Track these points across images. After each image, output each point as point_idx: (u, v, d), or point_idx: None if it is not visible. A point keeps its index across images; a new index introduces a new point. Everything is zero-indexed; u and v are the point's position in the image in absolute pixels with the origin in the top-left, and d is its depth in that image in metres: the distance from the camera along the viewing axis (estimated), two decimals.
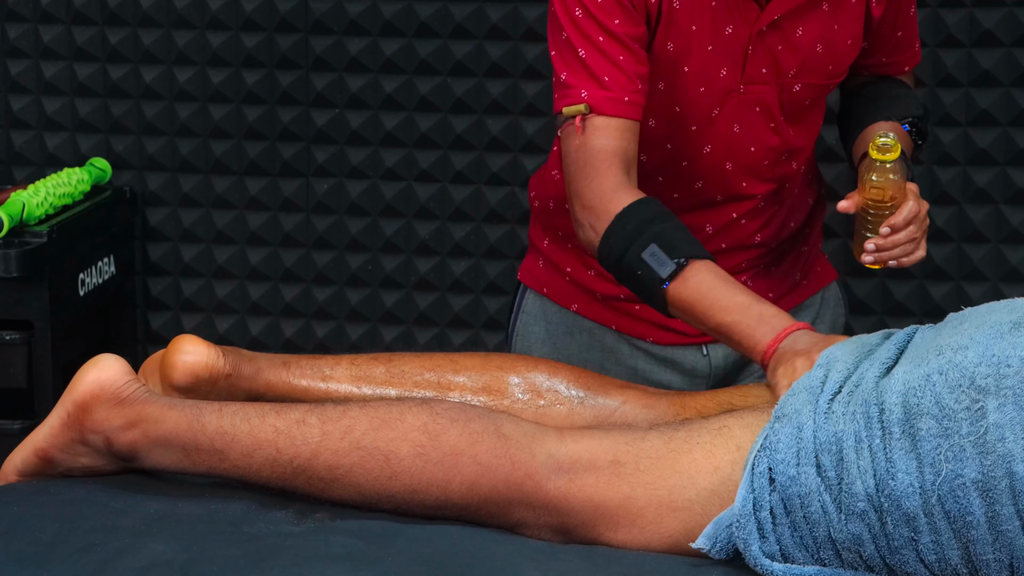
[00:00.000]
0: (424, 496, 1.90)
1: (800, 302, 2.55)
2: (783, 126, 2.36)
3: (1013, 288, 3.28)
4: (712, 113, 2.32)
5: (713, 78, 2.30)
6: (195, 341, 2.09)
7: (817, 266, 2.59)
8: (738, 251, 2.46)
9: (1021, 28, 3.23)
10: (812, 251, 2.57)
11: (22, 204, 3.19)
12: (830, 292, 2.60)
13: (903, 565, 1.79)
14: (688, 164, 2.36)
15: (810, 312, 2.55)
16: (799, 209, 2.51)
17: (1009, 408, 1.75)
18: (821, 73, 2.34)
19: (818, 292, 2.57)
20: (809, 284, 2.57)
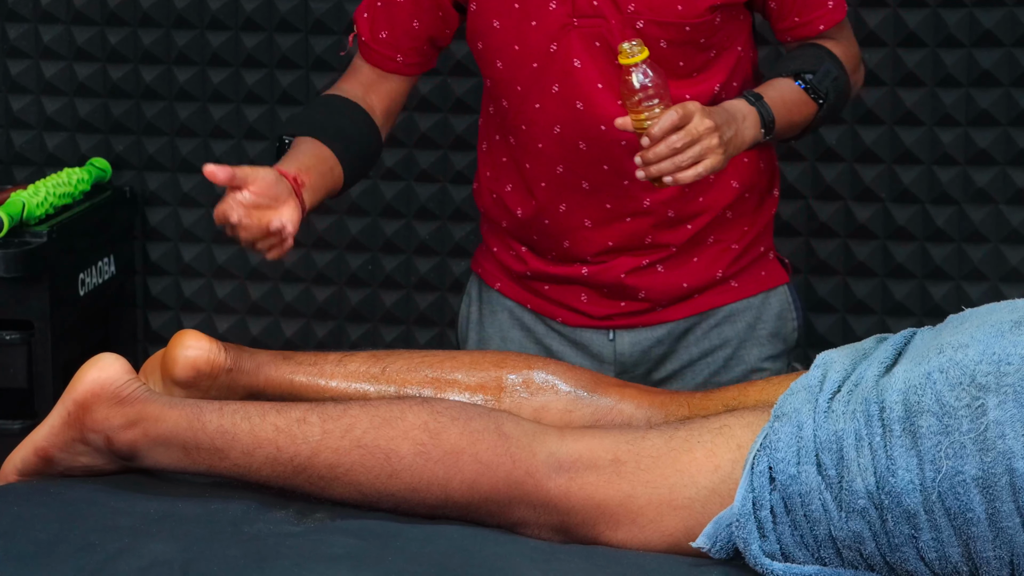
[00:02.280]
0: (424, 495, 1.90)
1: (730, 302, 2.52)
2: None
3: (1013, 288, 3.28)
4: (550, 48, 2.35)
5: (543, 12, 2.33)
6: (197, 336, 2.09)
7: (761, 268, 2.54)
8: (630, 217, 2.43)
9: (1021, 28, 3.23)
10: (748, 248, 2.52)
11: (22, 204, 3.19)
12: (775, 297, 2.55)
13: (903, 563, 1.79)
14: (541, 106, 2.38)
15: (746, 316, 2.52)
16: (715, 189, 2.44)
17: (1009, 405, 1.75)
18: (669, 12, 2.32)
19: (758, 295, 2.53)
20: (745, 285, 2.52)
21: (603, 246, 2.45)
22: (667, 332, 2.50)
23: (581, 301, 2.50)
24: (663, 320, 2.50)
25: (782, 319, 2.55)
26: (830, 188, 3.34)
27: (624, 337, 2.50)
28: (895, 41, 3.27)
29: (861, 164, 3.33)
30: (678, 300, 2.49)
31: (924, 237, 3.32)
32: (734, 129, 2.23)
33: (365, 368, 2.13)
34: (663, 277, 2.47)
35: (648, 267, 2.46)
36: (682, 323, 2.50)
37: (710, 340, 2.51)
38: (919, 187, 3.31)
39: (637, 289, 2.47)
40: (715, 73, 2.41)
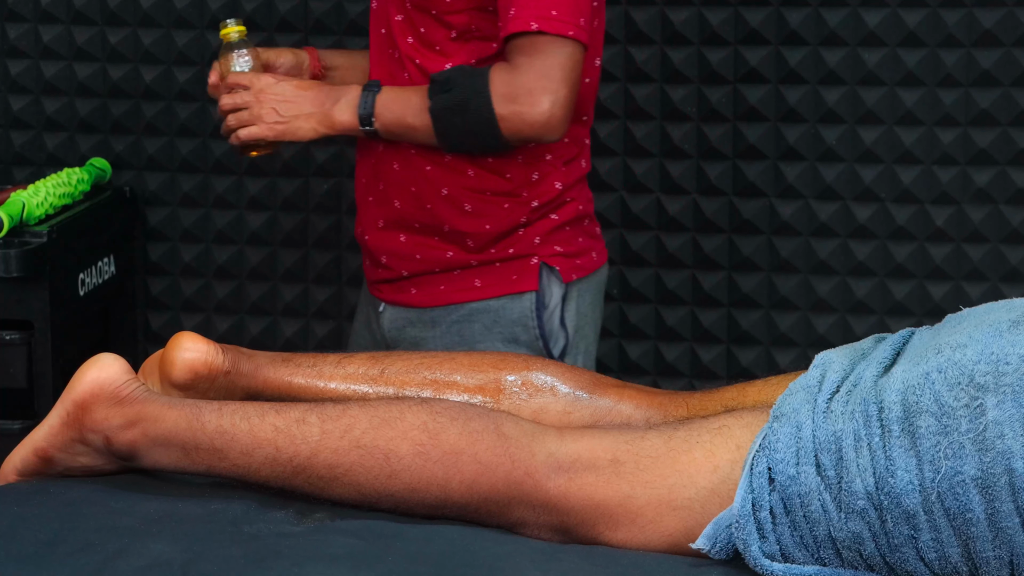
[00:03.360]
0: (424, 495, 1.90)
1: (471, 300, 2.61)
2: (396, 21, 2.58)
3: (1013, 288, 3.28)
4: (373, 4, 2.66)
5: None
6: (195, 338, 2.09)
7: (512, 272, 2.61)
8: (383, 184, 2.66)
9: (1021, 28, 3.23)
10: (490, 246, 2.61)
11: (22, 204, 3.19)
12: (517, 303, 2.60)
13: (903, 563, 1.79)
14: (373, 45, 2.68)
15: (484, 317, 2.60)
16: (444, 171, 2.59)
17: (1008, 405, 1.75)
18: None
19: (500, 298, 2.59)
20: (489, 286, 2.60)
21: (363, 200, 2.69)
22: (417, 316, 2.65)
23: (366, 265, 2.72)
24: (415, 303, 2.64)
25: (522, 326, 2.60)
26: (830, 188, 3.34)
27: (387, 312, 2.69)
28: (895, 41, 3.27)
29: (861, 164, 3.33)
30: (420, 276, 2.63)
31: (924, 237, 3.32)
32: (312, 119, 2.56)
33: (364, 370, 2.13)
34: (403, 246, 2.63)
35: (386, 228, 2.64)
36: (429, 312, 2.64)
37: (451, 335, 2.63)
38: (919, 187, 3.31)
39: (380, 253, 2.66)
40: (451, 53, 2.55)
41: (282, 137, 2.58)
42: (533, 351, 2.61)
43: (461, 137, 2.51)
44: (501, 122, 2.47)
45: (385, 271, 2.67)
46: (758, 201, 3.37)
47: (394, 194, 2.62)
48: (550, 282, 2.62)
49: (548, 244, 2.61)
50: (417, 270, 2.64)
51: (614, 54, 3.35)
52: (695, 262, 3.40)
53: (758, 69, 3.33)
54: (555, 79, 2.45)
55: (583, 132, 2.66)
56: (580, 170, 2.66)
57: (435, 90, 2.50)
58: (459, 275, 2.62)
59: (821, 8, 3.29)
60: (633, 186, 3.40)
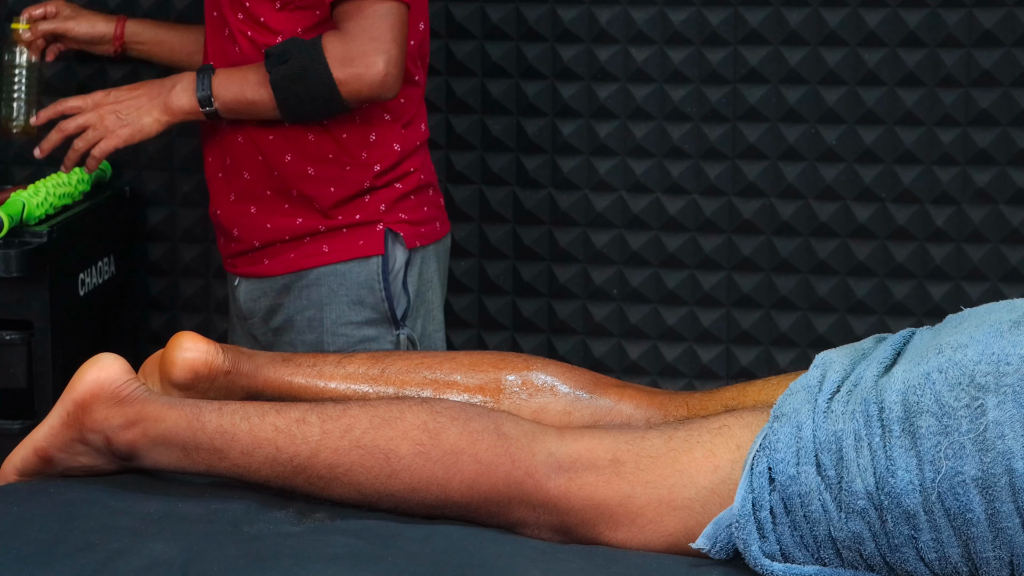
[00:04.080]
0: (424, 495, 1.90)
1: (318, 266, 2.73)
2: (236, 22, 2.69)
3: (1013, 288, 3.28)
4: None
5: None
6: (195, 338, 2.09)
7: (360, 238, 2.73)
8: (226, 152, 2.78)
9: (1021, 28, 3.23)
10: (335, 210, 2.72)
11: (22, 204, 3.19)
12: (364, 267, 2.72)
13: (903, 563, 1.79)
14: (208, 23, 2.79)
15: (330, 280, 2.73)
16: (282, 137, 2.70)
17: (1009, 405, 1.75)
18: None
19: (347, 262, 2.72)
20: (335, 250, 2.73)
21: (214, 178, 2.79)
22: (270, 286, 2.75)
23: (220, 242, 2.82)
24: (267, 273, 2.74)
25: (367, 288, 2.72)
26: (830, 188, 3.34)
27: (243, 285, 2.79)
28: (895, 41, 3.27)
29: (861, 164, 3.33)
30: (271, 246, 2.73)
31: (924, 237, 3.32)
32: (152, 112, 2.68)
33: (364, 369, 2.13)
34: (254, 218, 2.73)
35: (237, 201, 2.73)
36: (281, 279, 2.74)
37: (301, 300, 2.73)
38: (919, 187, 3.31)
39: (232, 226, 2.77)
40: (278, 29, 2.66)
41: (132, 139, 2.73)
42: (378, 313, 2.73)
43: (303, 105, 2.62)
44: (340, 86, 2.60)
45: (237, 244, 2.77)
46: (758, 201, 3.37)
47: (242, 166, 2.72)
48: (395, 248, 2.75)
49: (394, 212, 2.75)
50: (268, 239, 2.74)
51: (614, 54, 3.35)
52: (695, 262, 3.40)
53: (758, 69, 3.33)
54: (385, 40, 2.60)
55: (418, 94, 2.80)
56: (420, 134, 2.82)
57: (272, 63, 2.61)
58: (308, 242, 2.73)
59: (821, 8, 3.29)
60: (633, 186, 3.40)
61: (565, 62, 3.37)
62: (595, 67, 3.36)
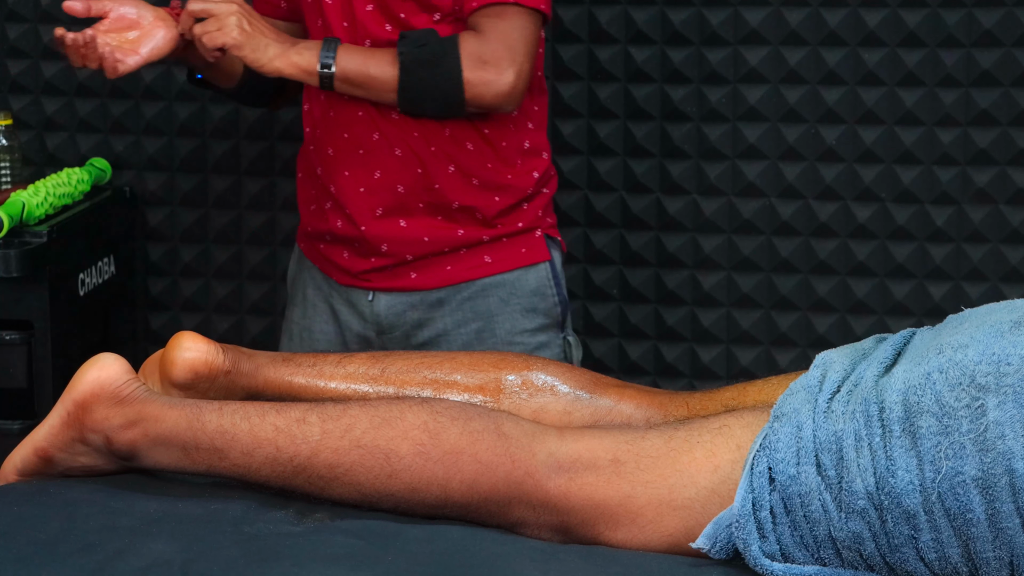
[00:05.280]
0: (424, 495, 1.90)
1: (483, 277, 2.65)
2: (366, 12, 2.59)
3: (1013, 288, 3.28)
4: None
5: None
6: (195, 337, 2.09)
7: (521, 245, 2.66)
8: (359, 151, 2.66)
9: (1021, 28, 3.23)
10: (499, 219, 2.65)
11: (22, 204, 3.19)
12: (533, 274, 2.66)
13: (903, 563, 1.79)
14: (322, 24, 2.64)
15: (500, 291, 2.65)
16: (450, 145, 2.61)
17: (1009, 406, 1.75)
18: None
19: (514, 271, 2.65)
20: (500, 260, 2.65)
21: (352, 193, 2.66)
22: (420, 299, 2.66)
23: (344, 258, 2.69)
24: (416, 287, 2.66)
25: (540, 295, 2.67)
26: (829, 188, 3.34)
27: (381, 299, 2.68)
28: (895, 41, 3.27)
29: (861, 164, 3.33)
30: (424, 259, 2.64)
31: (924, 237, 3.32)
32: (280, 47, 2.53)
33: (364, 369, 2.13)
34: (405, 231, 2.63)
35: (384, 216, 2.63)
36: (435, 293, 2.66)
37: (463, 313, 2.65)
38: (919, 187, 3.31)
39: (380, 241, 2.63)
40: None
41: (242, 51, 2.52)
42: (549, 319, 2.68)
43: (423, 93, 2.56)
44: (467, 86, 2.53)
45: (381, 259, 2.67)
46: (758, 201, 3.37)
47: (397, 180, 2.63)
48: (554, 252, 2.71)
49: (545, 217, 2.71)
50: (423, 252, 2.65)
51: (614, 54, 3.35)
52: (695, 262, 3.40)
53: (758, 69, 3.33)
54: (520, 52, 2.54)
55: (546, 101, 2.76)
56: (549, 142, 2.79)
57: (407, 44, 2.54)
58: (466, 254, 2.65)
59: (821, 8, 3.29)
60: (633, 186, 3.40)
61: (565, 62, 3.37)
62: (595, 67, 3.36)
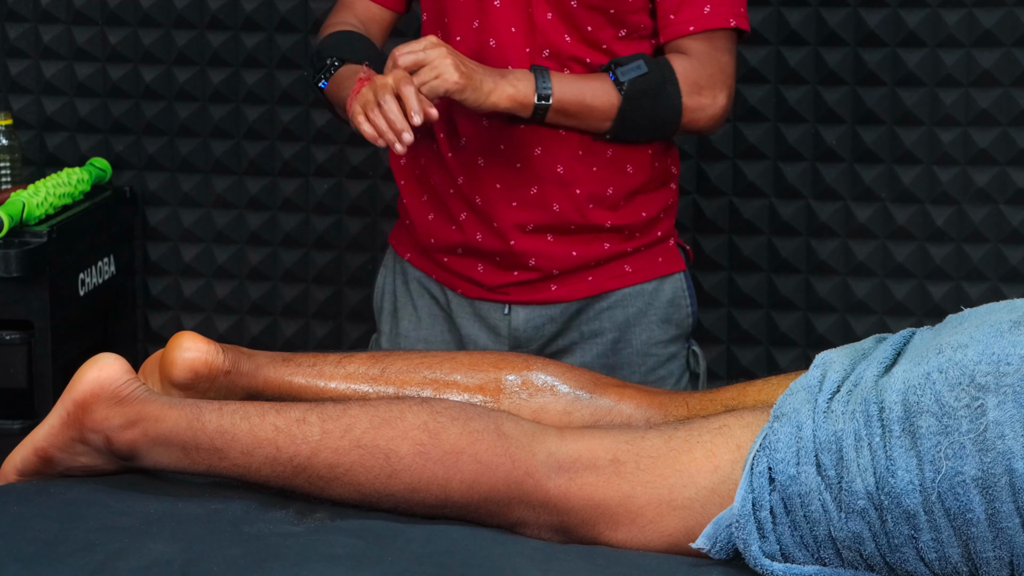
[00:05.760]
0: (424, 495, 1.90)
1: (622, 287, 2.59)
2: (545, 20, 2.48)
3: (1013, 288, 3.28)
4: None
5: None
6: (195, 338, 2.09)
7: (658, 255, 2.62)
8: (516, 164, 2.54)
9: (1021, 28, 3.23)
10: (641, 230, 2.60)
11: (22, 204, 3.19)
12: (669, 284, 2.62)
13: (903, 563, 1.79)
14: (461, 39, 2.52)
15: (637, 301, 2.59)
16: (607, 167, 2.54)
17: (1009, 406, 1.75)
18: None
19: (651, 281, 2.60)
20: (639, 270, 2.60)
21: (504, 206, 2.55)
22: (560, 311, 2.60)
23: (477, 271, 2.60)
24: (556, 299, 2.59)
25: (675, 306, 2.62)
26: (830, 188, 3.34)
27: (519, 313, 2.60)
28: (895, 41, 3.27)
29: (861, 164, 3.33)
30: (569, 272, 2.57)
31: (924, 237, 3.32)
32: (492, 79, 2.38)
33: (364, 369, 2.13)
34: (553, 246, 2.55)
35: (535, 231, 2.55)
36: (574, 304, 2.59)
37: (600, 322, 2.60)
38: (919, 187, 3.31)
39: (527, 256, 2.55)
40: (619, 53, 2.49)
41: (463, 93, 2.36)
42: (680, 329, 2.63)
43: (642, 121, 2.48)
44: (684, 112, 2.48)
45: (527, 273, 2.58)
46: (758, 201, 3.37)
47: (553, 199, 2.55)
48: (687, 262, 2.67)
49: (674, 227, 2.67)
50: (570, 266, 2.58)
51: None
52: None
53: (758, 69, 3.33)
54: (730, 75, 2.50)
55: None
56: None
57: (627, 72, 2.45)
58: (607, 264, 2.60)
59: (821, 8, 3.29)
60: None
61: None
62: None
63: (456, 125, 2.56)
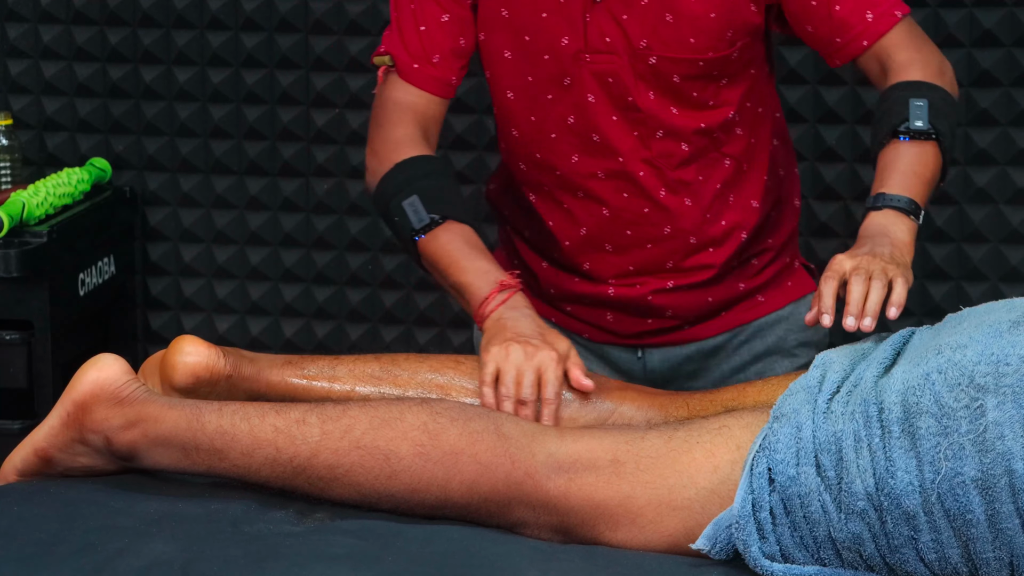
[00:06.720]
0: (424, 495, 1.90)
1: (759, 317, 2.49)
2: (649, 101, 2.32)
3: (1013, 288, 3.28)
4: (563, 82, 2.32)
5: (555, 46, 2.30)
6: (196, 342, 2.09)
7: (787, 279, 2.52)
8: (651, 244, 2.40)
9: (1021, 28, 3.23)
10: (772, 260, 2.50)
11: (22, 204, 3.20)
12: (803, 306, 2.51)
13: (903, 564, 1.79)
14: (556, 136, 2.36)
15: (776, 329, 2.50)
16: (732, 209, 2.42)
17: (1008, 406, 1.75)
18: (682, 47, 2.28)
19: (786, 307, 2.50)
20: (772, 298, 2.50)
21: (624, 269, 2.42)
22: (696, 350, 2.48)
23: (606, 320, 2.47)
24: (692, 338, 2.48)
25: (812, 328, 2.47)
26: (830, 188, 3.34)
27: (653, 355, 2.48)
28: None
29: (861, 164, 3.33)
30: (706, 317, 2.47)
31: (924, 237, 3.32)
32: (886, 244, 2.10)
33: (367, 371, 2.13)
34: (689, 296, 2.44)
35: (673, 289, 2.44)
36: (711, 340, 2.48)
37: (740, 356, 2.49)
38: None
39: (664, 308, 2.44)
40: (729, 99, 2.36)
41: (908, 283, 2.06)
42: (816, 349, 2.51)
43: (952, 129, 2.27)
44: (953, 99, 2.30)
45: (663, 322, 2.46)
46: None
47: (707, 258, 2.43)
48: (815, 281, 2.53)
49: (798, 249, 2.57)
50: (706, 312, 2.47)
51: None
52: None
53: None
54: (929, 41, 2.34)
55: None
56: None
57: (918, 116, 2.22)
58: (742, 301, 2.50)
59: None
60: None
61: None
62: None
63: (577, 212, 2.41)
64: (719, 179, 2.39)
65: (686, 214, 2.38)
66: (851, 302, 2.00)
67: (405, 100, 2.35)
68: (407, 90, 2.35)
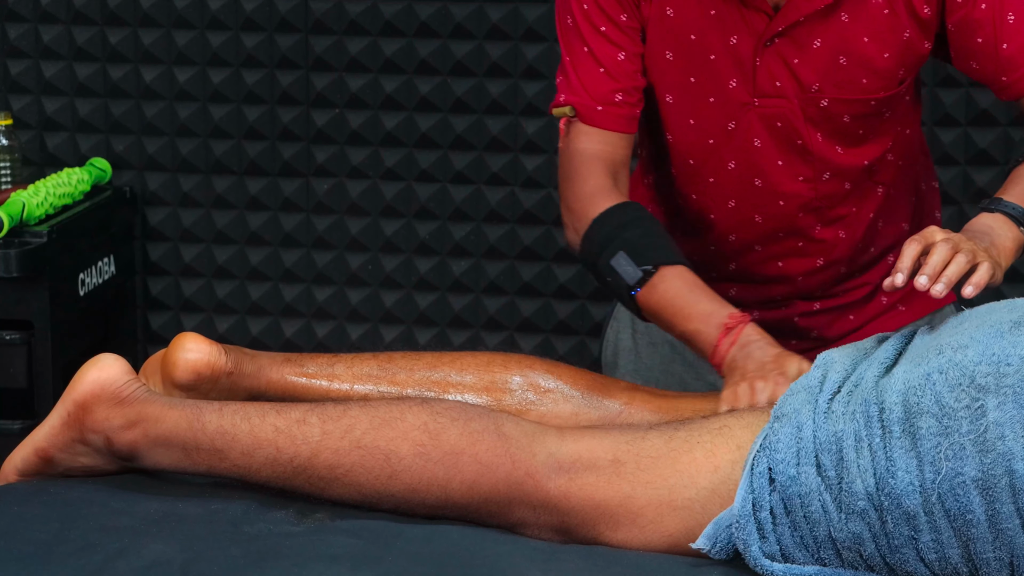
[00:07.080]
0: (424, 495, 1.90)
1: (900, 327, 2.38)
2: (818, 143, 2.28)
3: (1013, 288, 3.28)
4: (728, 126, 2.27)
5: (722, 90, 2.25)
6: (197, 339, 2.09)
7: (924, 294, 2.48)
8: (802, 277, 2.39)
9: None
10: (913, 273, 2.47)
11: (22, 204, 3.20)
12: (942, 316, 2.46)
13: (903, 564, 1.79)
14: (715, 180, 2.32)
15: None
16: (882, 235, 2.41)
17: (1009, 406, 1.75)
18: (853, 88, 2.24)
19: (926, 316, 2.47)
20: (912, 308, 2.47)
21: (771, 297, 2.41)
22: None
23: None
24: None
25: None
26: None
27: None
28: None
29: None
30: (848, 333, 2.45)
31: None
32: (986, 241, 2.07)
33: (367, 370, 2.13)
34: (833, 316, 2.44)
35: (820, 311, 2.43)
36: None
37: None
38: None
39: (809, 329, 2.43)
40: (888, 130, 2.32)
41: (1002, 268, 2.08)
42: None
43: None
44: None
45: (806, 343, 2.44)
46: None
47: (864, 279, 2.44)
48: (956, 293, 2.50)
49: None
50: (849, 329, 2.46)
51: None
52: None
53: None
54: None
55: None
56: None
57: None
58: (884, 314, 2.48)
59: None
60: None
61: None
62: None
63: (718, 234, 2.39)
64: (871, 208, 2.37)
65: (840, 245, 2.37)
66: (929, 263, 1.97)
67: (591, 149, 2.27)
68: (591, 137, 2.27)
